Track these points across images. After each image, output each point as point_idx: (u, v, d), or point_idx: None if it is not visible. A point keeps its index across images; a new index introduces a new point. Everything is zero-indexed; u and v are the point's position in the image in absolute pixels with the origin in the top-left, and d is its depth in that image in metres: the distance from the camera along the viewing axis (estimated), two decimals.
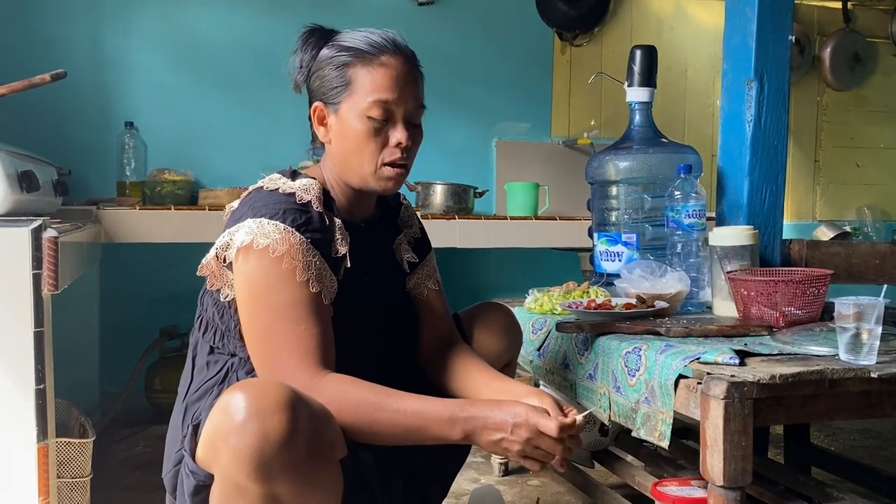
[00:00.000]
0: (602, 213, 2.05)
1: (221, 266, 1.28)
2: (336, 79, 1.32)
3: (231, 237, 1.25)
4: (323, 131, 1.35)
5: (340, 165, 1.35)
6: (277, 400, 1.04)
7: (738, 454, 1.18)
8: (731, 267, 1.71)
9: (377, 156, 1.31)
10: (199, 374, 1.34)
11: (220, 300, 1.30)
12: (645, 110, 2.02)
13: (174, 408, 1.37)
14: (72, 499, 1.69)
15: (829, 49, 4.18)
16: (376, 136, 1.30)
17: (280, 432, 1.02)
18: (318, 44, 1.38)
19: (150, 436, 2.69)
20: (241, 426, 1.02)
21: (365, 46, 1.32)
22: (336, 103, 1.32)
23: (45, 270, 1.44)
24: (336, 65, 1.32)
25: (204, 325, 1.35)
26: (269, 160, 3.27)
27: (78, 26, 3.11)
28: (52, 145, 2.85)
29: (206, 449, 1.13)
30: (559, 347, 1.72)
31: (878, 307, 1.24)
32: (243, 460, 1.03)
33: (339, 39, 1.36)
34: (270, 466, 1.03)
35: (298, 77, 1.39)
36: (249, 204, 1.27)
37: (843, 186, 4.34)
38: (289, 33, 3.51)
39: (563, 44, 3.78)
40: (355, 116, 1.30)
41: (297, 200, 1.27)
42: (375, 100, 1.29)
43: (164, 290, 3.20)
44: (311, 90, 1.38)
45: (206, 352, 1.34)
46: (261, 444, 1.02)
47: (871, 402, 1.29)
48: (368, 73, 1.30)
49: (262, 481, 1.04)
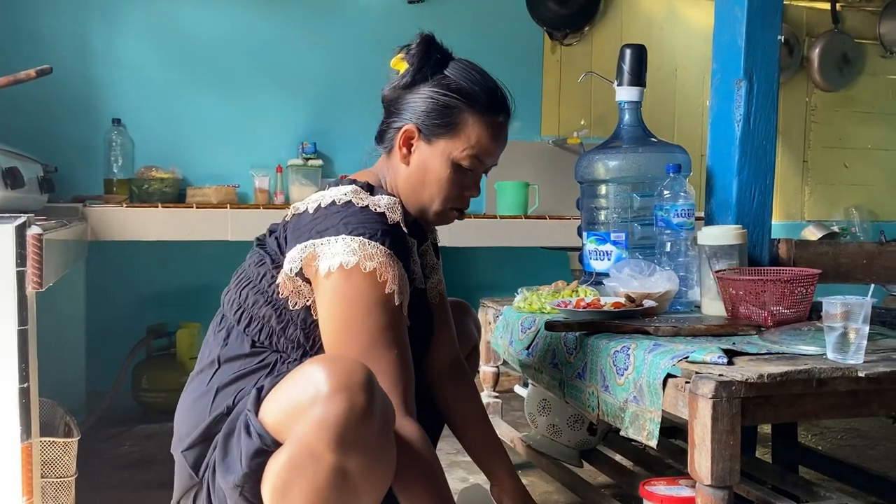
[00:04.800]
0: (591, 212, 2.05)
1: (290, 276, 1.27)
2: (444, 114, 1.34)
3: (318, 249, 1.24)
4: (405, 152, 1.36)
5: (408, 190, 1.37)
6: (363, 377, 1.09)
7: (726, 453, 1.18)
8: (720, 266, 1.71)
9: (449, 200, 1.37)
10: (233, 362, 1.32)
11: (278, 302, 1.29)
12: (634, 110, 2.02)
13: (191, 391, 1.35)
14: (56, 498, 1.67)
15: (818, 50, 4.20)
16: (457, 182, 1.36)
17: (364, 407, 1.08)
18: (436, 66, 1.36)
19: (136, 435, 2.67)
20: (328, 397, 1.07)
21: (485, 99, 1.35)
22: (433, 136, 1.34)
23: (30, 268, 1.43)
24: (450, 102, 1.34)
25: (248, 320, 1.33)
26: (258, 158, 3.27)
27: (65, 21, 3.09)
28: (38, 142, 2.83)
29: (279, 415, 1.14)
30: (548, 346, 1.71)
31: (865, 306, 1.25)
32: (327, 429, 1.07)
33: (460, 74, 1.36)
34: (350, 438, 1.08)
35: (399, 83, 1.37)
36: (341, 219, 1.25)
37: (832, 187, 4.36)
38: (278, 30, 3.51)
39: (553, 43, 3.78)
40: (446, 159, 1.34)
41: (389, 221, 1.28)
42: (473, 154, 1.34)
43: (152, 288, 3.19)
44: (405, 103, 1.37)
45: (248, 345, 1.32)
46: (346, 415, 1.06)
47: (859, 401, 1.29)
48: (477, 126, 1.34)
49: (339, 451, 1.08)
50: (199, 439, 1.28)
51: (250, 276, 1.35)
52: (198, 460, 1.28)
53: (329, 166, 3.34)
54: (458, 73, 1.36)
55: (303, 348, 1.31)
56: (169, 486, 1.37)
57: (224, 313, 1.38)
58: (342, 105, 3.37)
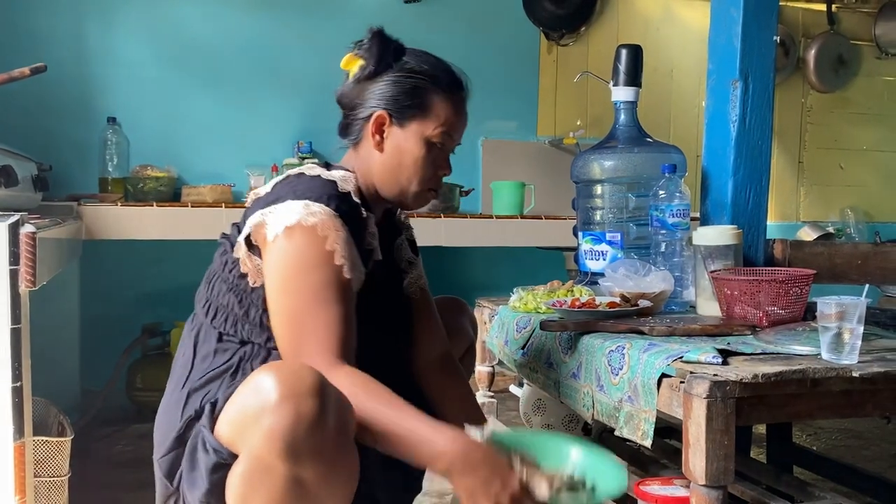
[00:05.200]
0: (587, 212, 2.05)
1: (248, 252, 1.28)
2: (413, 96, 1.37)
3: (266, 217, 1.25)
4: (378, 139, 1.39)
5: (383, 175, 1.39)
6: (311, 383, 1.07)
7: (721, 453, 1.18)
8: (715, 266, 1.71)
9: (426, 180, 1.40)
10: (204, 361, 1.32)
11: (239, 286, 1.30)
12: (630, 110, 2.02)
13: (168, 394, 1.35)
14: (49, 498, 1.67)
15: (814, 51, 4.21)
16: (431, 161, 1.39)
17: (313, 415, 1.06)
18: (394, 54, 1.39)
19: (130, 434, 2.67)
20: (275, 406, 1.05)
21: (447, 79, 1.41)
22: (404, 119, 1.37)
23: (23, 266, 1.42)
24: (416, 85, 1.37)
25: (213, 311, 1.33)
26: (254, 157, 3.26)
27: (61, 19, 3.08)
28: (32, 140, 2.82)
29: (231, 427, 1.14)
30: (543, 346, 1.71)
31: (859, 307, 1.25)
32: (276, 440, 1.05)
33: (419, 60, 1.41)
34: (301, 448, 1.06)
35: (361, 75, 1.39)
36: (290, 187, 1.28)
37: (827, 188, 4.37)
38: (275, 30, 3.51)
39: (549, 43, 3.78)
40: (420, 139, 1.38)
41: (339, 189, 1.30)
42: (445, 131, 1.39)
43: (146, 287, 3.18)
44: (369, 93, 1.39)
45: (215, 339, 1.32)
46: (294, 424, 1.05)
47: (853, 401, 1.29)
48: (444, 104, 1.39)
49: (291, 462, 1.06)
50: (172, 445, 1.27)
51: (215, 268, 1.36)
52: (172, 468, 1.28)
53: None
54: (417, 59, 1.40)
55: (267, 331, 1.30)
56: None
57: (195, 312, 1.39)
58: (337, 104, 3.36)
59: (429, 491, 2.12)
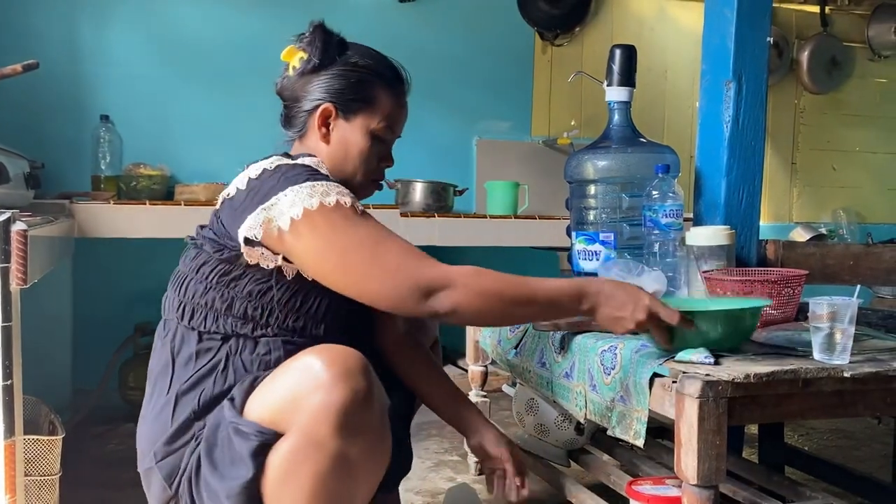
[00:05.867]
0: (580, 212, 2.05)
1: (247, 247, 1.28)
2: (358, 90, 1.41)
3: (270, 212, 1.25)
4: (324, 131, 1.42)
5: (330, 167, 1.41)
6: (360, 364, 1.13)
7: (712, 453, 1.18)
8: (708, 267, 1.72)
9: (370, 171, 1.44)
10: (188, 364, 1.31)
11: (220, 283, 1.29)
12: (624, 110, 2.02)
13: (149, 403, 1.35)
14: (40, 497, 1.66)
15: (807, 52, 4.22)
16: (375, 154, 1.43)
17: (364, 393, 1.11)
18: (337, 47, 1.43)
19: (123, 433, 2.66)
20: (329, 384, 1.10)
21: (391, 73, 1.45)
22: (350, 112, 1.41)
23: (14, 264, 1.42)
24: (361, 79, 1.41)
25: (190, 313, 1.33)
26: (247, 156, 3.21)
27: (53, 17, 3.07)
28: (24, 138, 2.80)
29: (274, 409, 1.15)
30: (536, 346, 1.72)
31: (851, 307, 1.25)
32: (330, 416, 1.09)
33: (363, 54, 1.44)
34: (353, 424, 1.11)
35: (305, 67, 1.42)
36: (279, 177, 1.29)
37: (820, 189, 4.38)
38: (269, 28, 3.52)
39: (544, 43, 3.78)
40: (365, 132, 1.41)
41: (323, 172, 1.33)
42: (388, 125, 1.43)
43: (139, 285, 3.16)
44: (313, 86, 1.42)
45: (195, 340, 1.31)
46: (348, 401, 1.10)
47: (844, 401, 1.30)
48: (388, 98, 1.43)
49: (342, 437, 1.10)
50: (168, 450, 1.27)
51: (186, 272, 1.36)
52: (171, 472, 1.27)
53: None
54: (360, 53, 1.44)
55: (252, 321, 1.30)
56: None
57: (166, 318, 1.38)
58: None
59: (421, 490, 2.13)
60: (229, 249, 1.31)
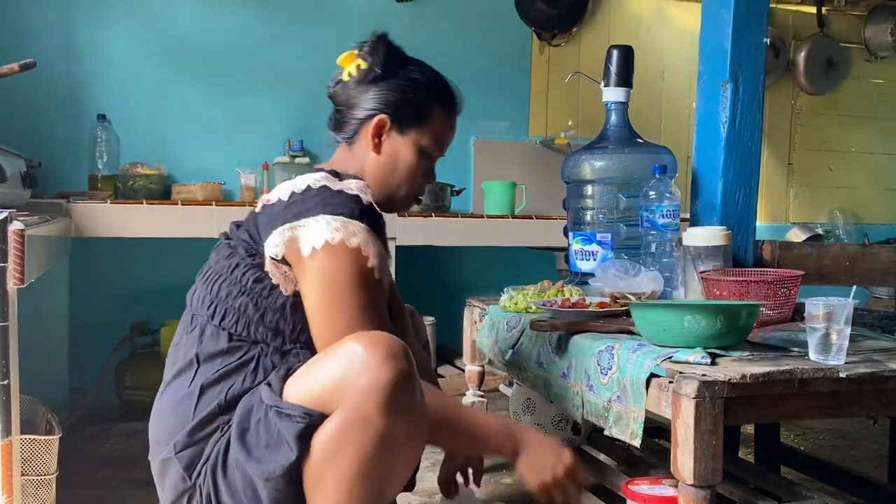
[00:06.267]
0: (577, 212, 2.05)
1: (273, 262, 1.29)
2: (416, 107, 1.43)
3: (297, 231, 1.26)
4: (376, 141, 1.42)
5: (377, 176, 1.43)
6: (403, 348, 1.17)
7: (709, 453, 1.18)
8: (705, 267, 1.72)
9: (414, 186, 1.46)
10: (213, 360, 1.31)
11: (254, 289, 1.30)
12: (621, 110, 2.03)
13: (168, 392, 1.33)
14: (37, 496, 1.66)
15: (804, 53, 4.23)
16: (421, 170, 1.45)
17: (408, 373, 1.15)
18: (399, 61, 1.44)
19: (119, 433, 2.66)
20: (377, 364, 1.13)
21: (448, 95, 1.48)
22: (404, 126, 1.42)
23: (11, 264, 1.42)
24: (419, 96, 1.43)
25: (222, 313, 1.32)
26: (244, 155, 3.25)
27: (50, 16, 3.06)
28: (21, 137, 2.80)
29: (320, 393, 1.17)
30: (533, 346, 1.72)
31: (847, 308, 1.26)
32: (379, 393, 1.12)
33: (424, 72, 1.46)
34: (399, 404, 1.14)
35: (366, 77, 1.42)
36: (318, 201, 1.28)
37: (816, 189, 4.39)
38: (266, 27, 3.50)
39: (541, 43, 3.79)
40: (416, 148, 1.43)
41: (364, 202, 1.31)
42: (438, 143, 1.46)
43: (136, 285, 3.16)
44: (371, 96, 1.42)
45: (225, 339, 1.31)
46: (397, 379, 1.13)
47: (840, 401, 1.30)
48: (442, 119, 1.46)
49: (389, 415, 1.13)
50: (189, 441, 1.27)
51: (219, 270, 1.35)
52: (191, 462, 1.26)
53: (315, 164, 3.33)
54: (421, 70, 1.46)
55: (282, 335, 1.31)
56: (151, 484, 1.35)
57: (194, 312, 1.38)
58: (329, 103, 3.34)
59: (418, 490, 2.13)
60: (261, 255, 1.31)
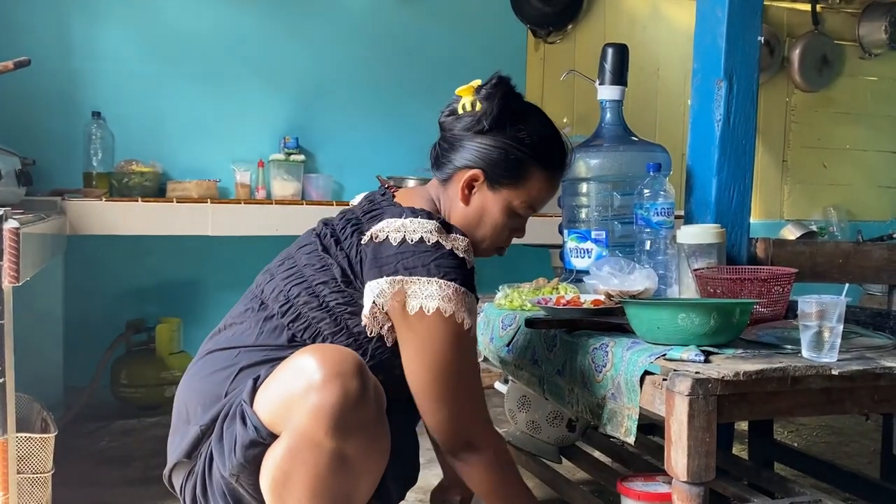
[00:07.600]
0: (572, 210, 2.06)
1: (375, 304, 1.29)
2: (514, 168, 1.39)
3: (406, 286, 1.26)
4: (466, 192, 1.41)
5: (462, 225, 1.40)
6: (353, 365, 1.15)
7: (702, 450, 1.19)
8: (699, 265, 1.73)
9: (498, 241, 1.46)
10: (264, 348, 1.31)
11: (336, 311, 1.31)
12: (616, 108, 2.03)
13: (213, 357, 1.33)
14: (32, 494, 1.66)
15: (798, 51, 4.24)
16: (508, 226, 1.44)
17: (358, 393, 1.14)
18: (512, 117, 1.39)
19: (115, 431, 2.66)
20: (321, 385, 1.12)
21: (554, 158, 1.43)
22: (497, 185, 1.39)
23: (6, 262, 1.42)
24: (520, 158, 1.38)
25: (294, 315, 1.33)
26: (240, 153, 3.25)
27: (44, 13, 3.05)
28: (16, 135, 2.80)
29: (272, 407, 1.17)
30: (528, 343, 1.72)
31: (840, 305, 1.26)
32: (324, 416, 1.11)
33: (533, 131, 1.40)
34: (347, 424, 1.13)
35: (474, 126, 1.39)
36: (433, 260, 1.28)
37: (810, 186, 4.40)
38: (261, 24, 3.49)
39: (536, 41, 3.79)
40: (506, 207, 1.41)
41: (468, 266, 1.33)
42: (530, 205, 1.42)
43: (131, 283, 3.16)
44: (474, 145, 1.39)
45: (285, 338, 1.32)
46: (342, 401, 1.12)
47: (832, 398, 1.31)
48: (540, 180, 1.41)
49: (338, 437, 1.13)
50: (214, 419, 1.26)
51: (305, 275, 1.35)
52: (196, 442, 1.28)
53: (311, 161, 3.33)
54: (532, 129, 1.41)
55: None
56: (148, 481, 1.36)
57: (264, 300, 1.37)
58: (324, 100, 3.36)
59: (415, 487, 2.13)
60: (354, 288, 1.32)
